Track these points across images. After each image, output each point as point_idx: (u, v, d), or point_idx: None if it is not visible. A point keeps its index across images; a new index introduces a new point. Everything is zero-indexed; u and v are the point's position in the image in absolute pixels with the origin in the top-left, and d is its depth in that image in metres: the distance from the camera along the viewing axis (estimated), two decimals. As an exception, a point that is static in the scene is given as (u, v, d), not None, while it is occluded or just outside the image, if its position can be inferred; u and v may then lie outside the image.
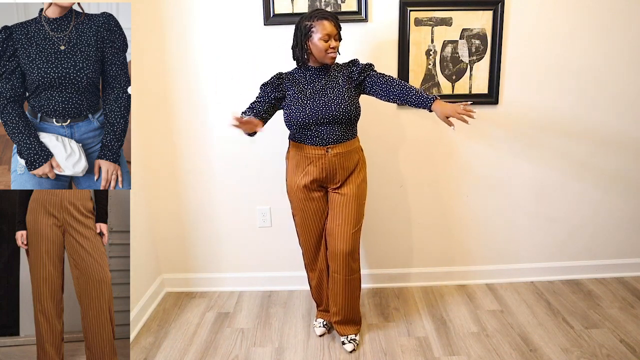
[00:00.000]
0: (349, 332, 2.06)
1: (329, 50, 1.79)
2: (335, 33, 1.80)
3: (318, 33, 1.78)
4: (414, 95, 1.82)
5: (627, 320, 2.20)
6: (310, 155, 1.88)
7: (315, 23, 1.78)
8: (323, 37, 1.77)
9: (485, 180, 2.47)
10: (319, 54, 1.81)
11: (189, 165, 2.45)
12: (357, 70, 1.88)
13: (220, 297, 2.54)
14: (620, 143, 2.44)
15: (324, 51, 1.79)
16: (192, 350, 2.07)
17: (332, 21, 1.79)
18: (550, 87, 2.34)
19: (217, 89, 2.34)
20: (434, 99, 1.79)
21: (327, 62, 1.84)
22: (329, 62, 1.83)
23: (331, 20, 1.78)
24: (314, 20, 1.78)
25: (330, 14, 1.80)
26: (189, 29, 2.27)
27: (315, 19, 1.78)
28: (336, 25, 1.80)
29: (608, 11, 2.25)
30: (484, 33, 2.25)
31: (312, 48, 1.82)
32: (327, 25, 1.77)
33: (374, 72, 1.89)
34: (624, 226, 2.57)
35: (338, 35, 1.82)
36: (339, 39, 1.84)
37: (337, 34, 1.81)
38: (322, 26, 1.77)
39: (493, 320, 2.23)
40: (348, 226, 1.92)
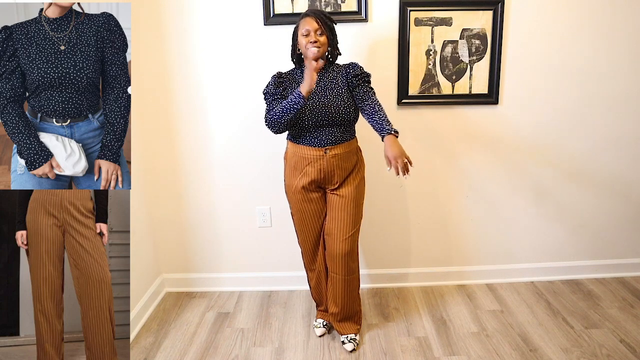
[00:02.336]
0: (348, 331, 2.06)
1: (309, 44, 1.79)
2: (317, 28, 1.79)
3: (301, 29, 1.81)
4: (378, 119, 1.76)
5: (627, 320, 2.20)
6: (308, 156, 1.87)
7: (300, 21, 1.82)
8: (304, 32, 1.79)
9: (485, 180, 2.47)
10: (303, 50, 1.83)
11: (189, 165, 2.45)
12: (353, 74, 1.87)
13: (220, 297, 2.54)
14: (620, 143, 2.44)
15: (305, 47, 1.80)
16: (192, 350, 2.07)
17: (314, 16, 1.79)
18: (550, 87, 2.34)
19: (217, 88, 2.34)
20: (390, 132, 1.71)
21: (310, 58, 1.80)
22: (312, 57, 1.79)
23: (313, 16, 1.79)
24: (301, 18, 1.83)
25: (317, 11, 1.82)
26: (188, 29, 2.27)
27: (302, 17, 1.83)
28: (319, 21, 1.79)
29: (608, 11, 2.25)
30: (484, 33, 2.25)
31: (299, 45, 1.85)
32: (308, 20, 1.79)
33: (367, 85, 1.88)
34: (624, 226, 2.57)
35: (322, 31, 1.80)
36: (328, 36, 1.82)
37: (319, 29, 1.79)
38: (304, 22, 1.80)
39: (493, 320, 2.23)
40: (346, 227, 1.92)
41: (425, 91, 2.32)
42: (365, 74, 1.89)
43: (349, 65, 1.92)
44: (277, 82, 1.88)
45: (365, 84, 1.88)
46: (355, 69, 1.88)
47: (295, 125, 1.85)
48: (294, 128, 1.87)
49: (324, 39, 1.81)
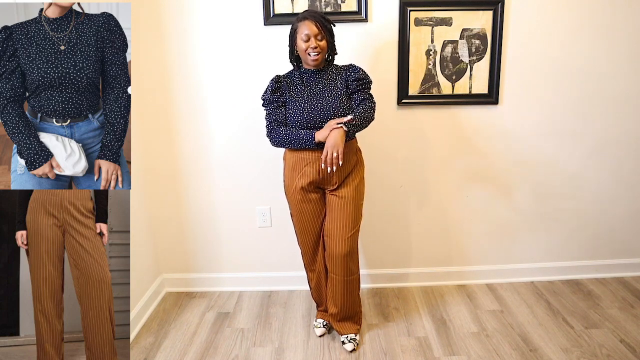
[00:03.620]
0: (348, 331, 2.06)
1: (309, 50, 1.78)
2: (317, 33, 1.77)
3: (300, 33, 1.78)
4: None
5: (627, 320, 2.20)
6: (307, 157, 1.87)
7: (299, 23, 1.79)
8: (303, 37, 1.78)
9: (485, 180, 2.47)
10: (302, 55, 1.82)
11: (189, 165, 2.45)
12: (354, 77, 1.86)
13: (220, 297, 2.54)
14: (620, 143, 2.44)
15: (304, 51, 1.79)
16: (192, 350, 2.07)
17: (314, 21, 1.77)
18: (550, 87, 2.34)
19: (217, 88, 2.34)
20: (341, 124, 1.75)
21: (310, 64, 1.83)
22: (311, 63, 1.82)
23: (312, 20, 1.77)
24: (299, 20, 1.79)
25: (315, 13, 1.79)
26: (188, 29, 2.27)
27: (300, 19, 1.79)
28: (318, 25, 1.77)
29: (608, 11, 2.25)
30: (484, 33, 2.25)
31: (298, 49, 1.83)
32: (308, 25, 1.76)
33: (366, 92, 1.89)
34: (624, 226, 2.57)
35: (322, 35, 1.79)
36: (328, 40, 1.81)
37: (319, 34, 1.78)
38: (304, 26, 1.77)
39: (493, 320, 2.23)
40: (346, 228, 1.91)
41: (425, 91, 2.32)
42: (367, 81, 1.88)
43: (348, 67, 1.91)
44: (274, 88, 1.88)
45: (365, 90, 1.89)
46: (357, 73, 1.87)
47: (294, 127, 1.85)
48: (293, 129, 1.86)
49: (324, 44, 1.80)
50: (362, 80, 1.87)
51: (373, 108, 1.86)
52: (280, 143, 1.86)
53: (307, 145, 1.80)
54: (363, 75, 1.87)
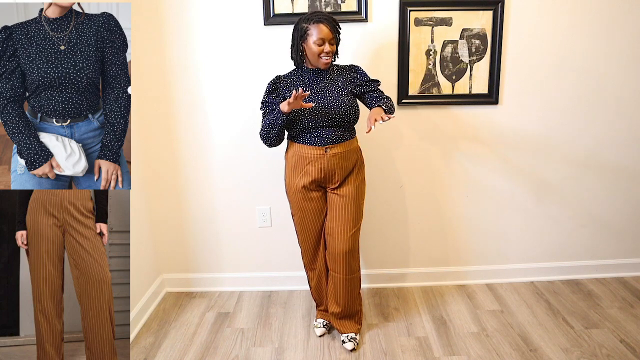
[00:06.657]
0: (349, 330, 2.06)
1: (322, 54, 1.80)
2: (331, 37, 1.79)
3: (313, 36, 1.78)
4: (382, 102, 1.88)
5: (627, 320, 2.20)
6: (308, 155, 1.87)
7: (311, 26, 1.78)
8: (317, 41, 1.78)
9: (485, 180, 2.47)
10: (312, 57, 1.83)
11: (189, 165, 2.45)
12: (362, 79, 1.92)
13: (220, 297, 2.54)
14: (620, 142, 2.44)
15: (317, 55, 1.80)
16: (192, 350, 2.07)
17: (329, 25, 1.78)
18: (550, 87, 2.34)
19: (217, 88, 2.34)
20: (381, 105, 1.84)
21: (320, 67, 1.85)
22: (322, 67, 1.84)
23: (328, 24, 1.78)
24: (311, 22, 1.78)
25: (329, 17, 1.79)
26: (189, 29, 2.27)
27: (312, 21, 1.78)
28: (332, 30, 1.79)
29: (608, 11, 2.25)
30: (484, 33, 2.25)
31: (307, 51, 1.83)
32: (323, 29, 1.77)
33: (378, 89, 1.94)
34: (624, 226, 2.57)
35: (334, 40, 1.82)
36: (336, 43, 1.84)
37: (332, 38, 1.80)
38: (318, 29, 1.77)
39: (493, 320, 2.23)
40: (347, 226, 1.92)
41: (425, 91, 2.32)
42: (375, 81, 1.95)
43: (350, 67, 1.93)
44: (271, 90, 1.90)
45: (378, 88, 1.94)
46: (363, 76, 1.93)
47: (296, 126, 1.85)
48: (294, 128, 1.87)
49: (334, 48, 1.84)
50: (373, 83, 1.93)
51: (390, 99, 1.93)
52: (266, 135, 1.86)
53: (280, 119, 1.78)
54: (371, 78, 1.94)
